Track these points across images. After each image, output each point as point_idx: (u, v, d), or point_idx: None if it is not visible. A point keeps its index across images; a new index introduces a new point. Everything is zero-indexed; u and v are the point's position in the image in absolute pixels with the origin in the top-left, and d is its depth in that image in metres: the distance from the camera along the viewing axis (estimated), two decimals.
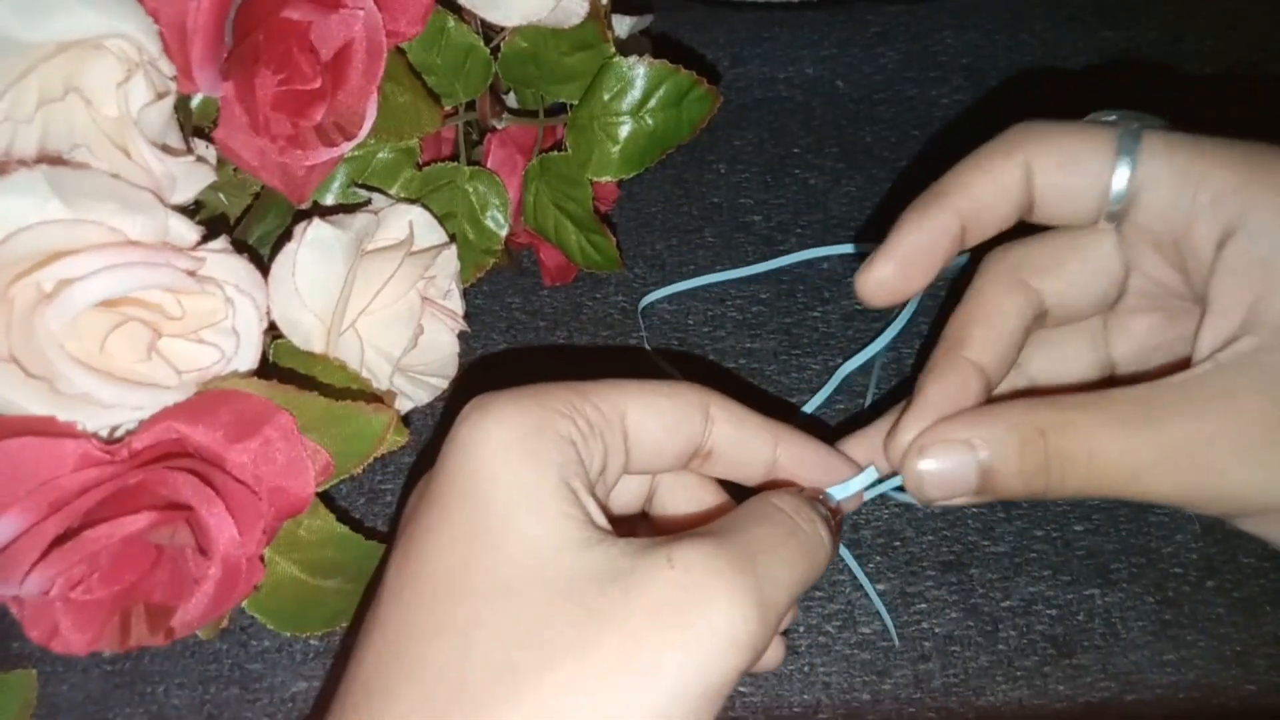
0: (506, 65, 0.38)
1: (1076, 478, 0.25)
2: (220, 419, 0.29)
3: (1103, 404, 0.25)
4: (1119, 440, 0.24)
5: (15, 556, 0.27)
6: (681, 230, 0.47)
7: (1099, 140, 0.27)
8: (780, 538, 0.24)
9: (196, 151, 0.31)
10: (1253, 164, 0.25)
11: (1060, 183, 0.27)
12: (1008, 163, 0.27)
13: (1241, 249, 0.25)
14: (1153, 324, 0.30)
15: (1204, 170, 0.26)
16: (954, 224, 0.28)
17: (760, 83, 0.52)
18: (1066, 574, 0.39)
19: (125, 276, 0.27)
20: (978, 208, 0.28)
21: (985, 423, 0.26)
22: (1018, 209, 0.28)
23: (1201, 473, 0.24)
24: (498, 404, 0.25)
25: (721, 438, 0.28)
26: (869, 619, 0.38)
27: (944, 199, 0.28)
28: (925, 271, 0.28)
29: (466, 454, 0.24)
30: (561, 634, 0.22)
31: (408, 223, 0.35)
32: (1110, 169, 0.27)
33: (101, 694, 0.37)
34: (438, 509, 0.24)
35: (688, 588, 0.22)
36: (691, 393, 0.27)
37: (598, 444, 0.25)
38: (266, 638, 0.38)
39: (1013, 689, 0.37)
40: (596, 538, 0.23)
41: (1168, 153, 0.26)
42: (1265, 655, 0.37)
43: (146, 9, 0.29)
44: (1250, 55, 0.51)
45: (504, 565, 0.23)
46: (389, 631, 0.23)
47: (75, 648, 0.29)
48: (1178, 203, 0.26)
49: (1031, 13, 0.53)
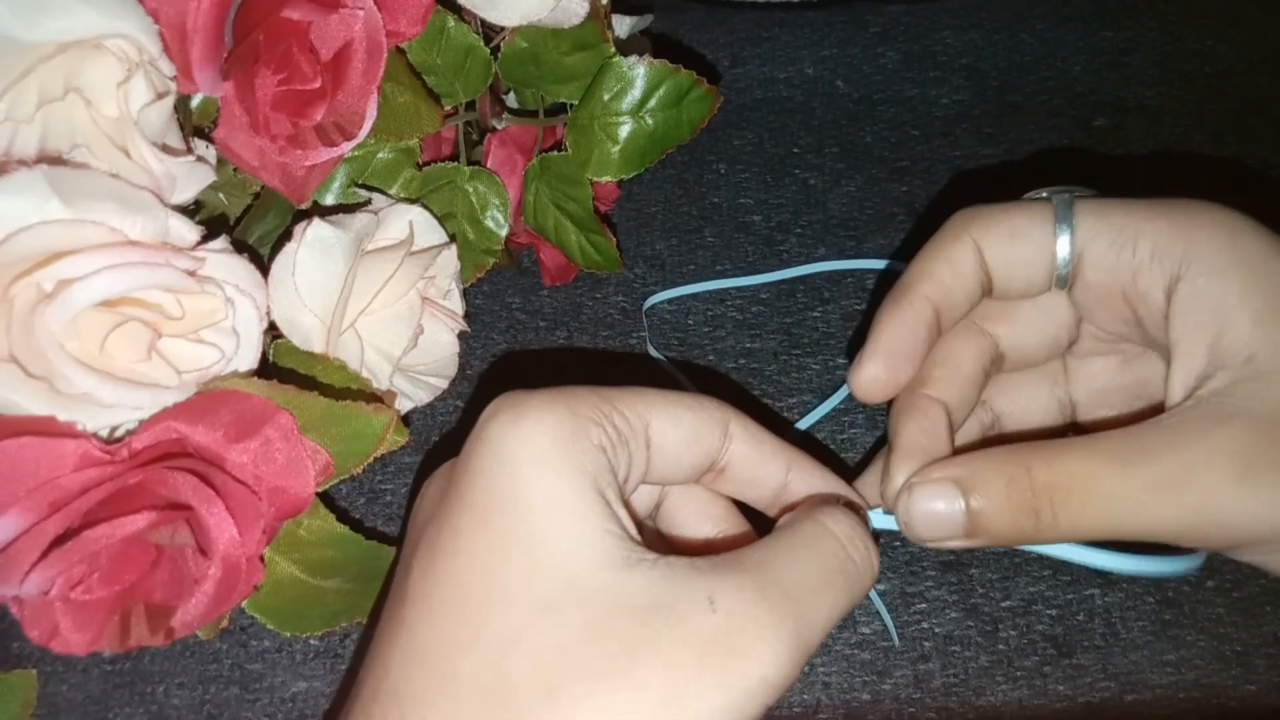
0: (506, 65, 0.38)
1: (1070, 516, 0.25)
2: (220, 419, 0.29)
3: (1090, 444, 0.26)
4: (1110, 476, 0.25)
5: (15, 556, 0.27)
6: (681, 230, 0.47)
7: (1036, 214, 0.29)
8: (829, 575, 0.24)
9: (196, 151, 0.31)
10: (1181, 217, 0.27)
11: (1009, 254, 0.29)
12: (958, 246, 0.29)
13: (1191, 293, 0.27)
14: (1110, 366, 0.32)
15: (1139, 226, 0.28)
16: (927, 311, 0.29)
17: (760, 83, 0.52)
18: (1066, 574, 0.39)
19: (125, 276, 0.27)
20: (944, 293, 0.29)
21: (972, 462, 0.27)
22: (979, 285, 0.30)
23: (1198, 501, 0.25)
24: (531, 406, 0.24)
25: (737, 455, 0.28)
26: (869, 619, 0.38)
27: (913, 291, 0.29)
28: (912, 361, 0.29)
29: (500, 456, 0.24)
30: (602, 660, 0.22)
31: (408, 223, 0.35)
32: (1052, 236, 0.29)
33: (101, 694, 0.37)
34: (470, 512, 0.24)
35: (730, 633, 0.22)
36: (714, 408, 0.27)
37: (624, 452, 0.25)
38: (266, 638, 0.38)
39: (1013, 689, 0.37)
40: (635, 556, 0.23)
41: (1103, 215, 0.28)
42: (1265, 655, 0.37)
43: (146, 9, 0.29)
44: (1250, 55, 0.51)
45: (543, 579, 0.22)
46: (419, 638, 0.23)
47: (75, 648, 0.29)
48: (1120, 259, 0.28)
49: (1031, 13, 0.53)
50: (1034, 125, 0.49)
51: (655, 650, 0.22)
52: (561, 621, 0.22)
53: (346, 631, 0.38)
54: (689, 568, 0.23)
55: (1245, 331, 0.26)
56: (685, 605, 0.22)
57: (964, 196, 0.47)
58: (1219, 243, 0.27)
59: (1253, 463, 0.24)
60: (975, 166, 0.48)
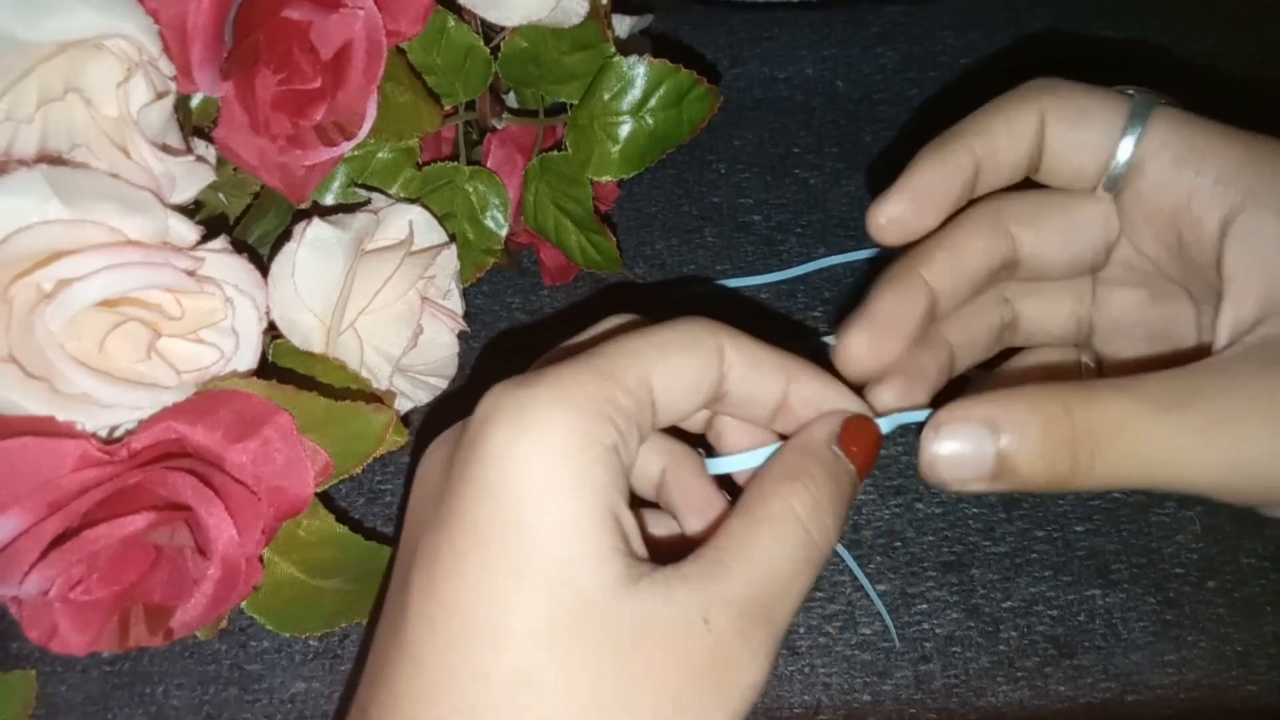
0: (506, 65, 0.38)
1: (1108, 461, 0.23)
2: (220, 419, 0.29)
3: (1132, 385, 0.24)
4: (1154, 419, 0.23)
5: (15, 556, 0.27)
6: (681, 230, 0.47)
7: (1112, 104, 0.27)
8: (798, 565, 0.24)
9: (196, 151, 0.31)
10: (1256, 149, 0.26)
11: (1070, 137, 0.28)
12: (1024, 110, 0.28)
13: (1249, 231, 0.25)
14: (1135, 299, 0.30)
15: (1209, 147, 0.26)
16: (969, 164, 0.28)
17: (760, 83, 0.52)
18: (1067, 574, 0.39)
19: (125, 276, 0.27)
20: (993, 150, 0.28)
21: (1005, 401, 0.24)
22: (1029, 158, 0.28)
23: (1241, 453, 0.23)
24: (535, 416, 0.23)
25: (736, 379, 0.26)
26: (870, 620, 0.38)
27: (961, 139, 0.28)
28: (938, 210, 0.28)
29: (504, 473, 0.23)
30: (605, 690, 0.22)
31: (408, 222, 0.35)
32: (1119, 131, 0.27)
33: (101, 694, 0.37)
34: (473, 533, 0.23)
35: (722, 652, 0.23)
36: (708, 337, 0.25)
37: (634, 433, 0.24)
38: (266, 638, 0.38)
39: (1014, 690, 0.36)
40: (634, 574, 0.23)
41: (1176, 126, 0.27)
42: (1266, 656, 0.37)
43: (146, 9, 0.29)
44: (1250, 55, 0.51)
45: (548, 610, 0.22)
46: (428, 671, 0.23)
47: (74, 648, 0.29)
48: (1180, 176, 0.26)
49: (1031, 13, 0.53)
50: None
51: (650, 675, 0.22)
52: (567, 655, 0.22)
53: (346, 632, 0.38)
54: (683, 583, 0.23)
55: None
56: (680, 628, 0.23)
57: None
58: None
59: None
60: None
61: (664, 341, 0.25)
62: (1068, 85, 0.28)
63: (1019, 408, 0.24)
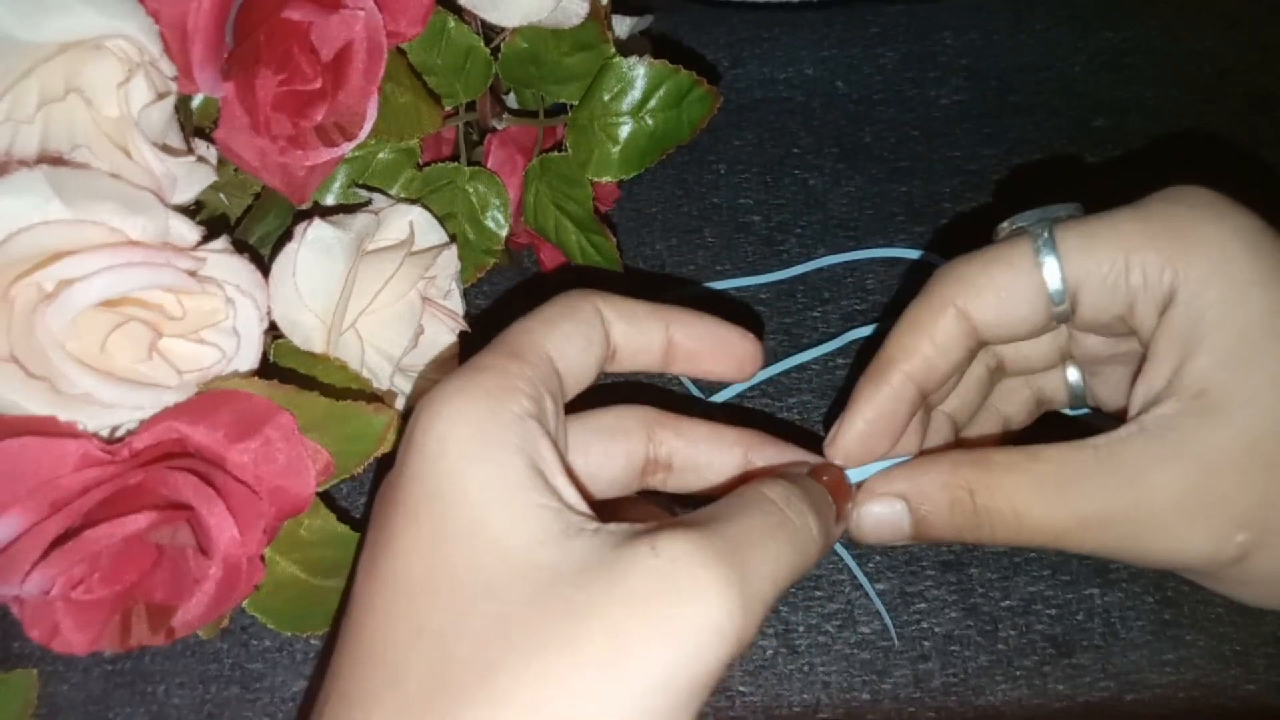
0: (506, 65, 0.38)
1: (1006, 533, 0.27)
2: (221, 419, 0.30)
3: (1027, 465, 0.27)
4: (1041, 504, 0.27)
5: (16, 556, 0.27)
6: (681, 230, 0.47)
7: (1019, 262, 0.28)
8: (768, 529, 0.24)
9: (197, 152, 0.32)
10: (1170, 240, 0.27)
11: (1000, 317, 0.29)
12: (940, 317, 0.29)
13: (1176, 315, 0.27)
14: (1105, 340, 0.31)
15: (1127, 255, 0.27)
16: (907, 389, 0.29)
17: (760, 83, 0.52)
18: (1066, 573, 0.39)
19: (126, 276, 0.27)
20: (926, 368, 0.29)
21: (915, 477, 0.28)
22: (966, 354, 0.29)
23: (1119, 540, 0.27)
24: (444, 399, 0.24)
25: (620, 335, 0.28)
26: (868, 618, 0.38)
27: (891, 366, 0.29)
28: (893, 432, 0.29)
29: (425, 455, 0.24)
30: (543, 630, 0.21)
31: (408, 223, 0.35)
32: (1040, 283, 0.28)
33: (102, 694, 0.37)
34: (402, 514, 0.24)
35: (672, 577, 0.22)
36: (583, 301, 0.28)
37: (546, 400, 0.25)
38: (267, 637, 0.38)
39: (1012, 689, 0.37)
40: (575, 526, 0.23)
41: (1088, 249, 0.28)
42: (1264, 655, 0.37)
43: (147, 9, 0.29)
44: (1250, 55, 0.51)
45: (481, 566, 0.22)
46: (364, 639, 0.23)
47: (76, 647, 0.29)
48: (1115, 292, 0.28)
49: (1031, 13, 0.53)
50: (1034, 125, 0.49)
51: (593, 609, 0.21)
52: (502, 601, 0.22)
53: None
54: (632, 530, 0.23)
55: (1204, 365, 0.26)
56: (626, 560, 0.22)
57: (964, 196, 0.47)
58: (1208, 266, 0.26)
59: (1175, 512, 0.26)
60: (975, 166, 0.48)
61: (548, 315, 0.27)
62: (969, 271, 0.29)
63: (930, 486, 0.28)
